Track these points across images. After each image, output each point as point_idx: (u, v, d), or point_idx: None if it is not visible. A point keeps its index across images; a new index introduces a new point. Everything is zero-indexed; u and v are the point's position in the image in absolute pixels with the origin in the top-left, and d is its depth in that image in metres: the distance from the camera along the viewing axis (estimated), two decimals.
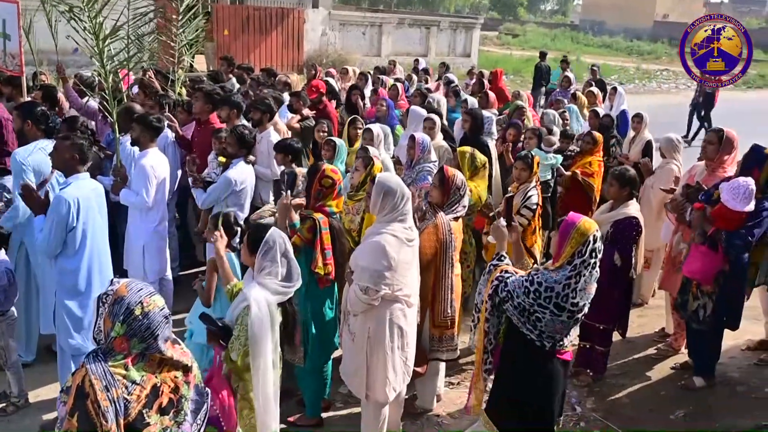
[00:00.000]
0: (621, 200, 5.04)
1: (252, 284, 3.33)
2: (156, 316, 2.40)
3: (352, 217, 4.82)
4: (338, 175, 4.40)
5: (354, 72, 11.18)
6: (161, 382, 2.43)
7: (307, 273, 4.11)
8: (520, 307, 3.34)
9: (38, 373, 5.00)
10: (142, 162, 5.14)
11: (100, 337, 2.38)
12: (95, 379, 2.27)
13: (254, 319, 3.20)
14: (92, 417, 2.24)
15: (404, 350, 3.93)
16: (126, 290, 2.38)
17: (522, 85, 20.81)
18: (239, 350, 3.23)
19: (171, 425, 2.46)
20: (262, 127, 6.35)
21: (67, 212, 4.07)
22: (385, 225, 3.76)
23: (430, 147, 5.97)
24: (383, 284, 3.70)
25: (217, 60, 17.87)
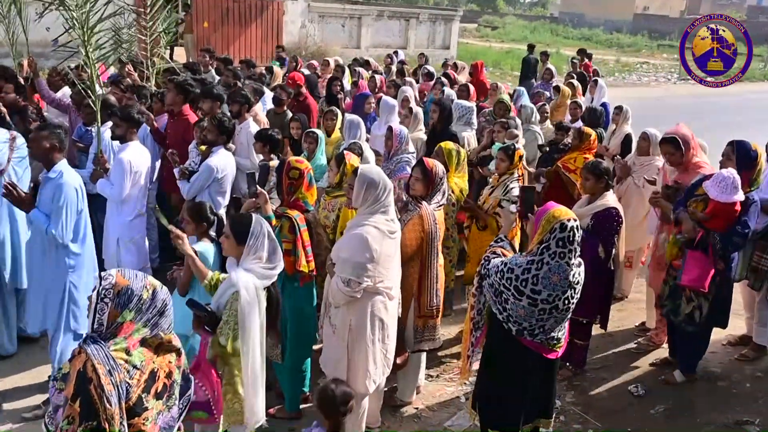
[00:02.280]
0: (598, 192, 5.02)
1: (237, 270, 3.37)
2: (161, 294, 2.46)
3: (327, 214, 4.80)
4: (304, 164, 4.37)
5: (336, 62, 11.11)
6: (158, 367, 2.45)
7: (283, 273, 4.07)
8: (492, 286, 3.50)
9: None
10: (121, 156, 5.15)
11: (100, 329, 2.37)
12: (98, 363, 2.27)
13: (243, 303, 3.26)
14: (95, 401, 2.24)
15: (385, 342, 3.94)
16: (126, 279, 2.41)
17: (501, 78, 20.88)
18: (228, 335, 3.27)
19: (163, 409, 2.49)
20: (241, 119, 6.37)
21: (75, 197, 4.21)
22: (367, 217, 3.77)
23: (408, 138, 5.99)
24: (365, 276, 3.71)
25: (196, 52, 17.73)
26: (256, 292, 3.36)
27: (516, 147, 5.52)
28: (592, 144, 6.47)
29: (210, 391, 3.30)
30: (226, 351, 3.28)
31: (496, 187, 5.34)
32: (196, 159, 5.73)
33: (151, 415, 2.41)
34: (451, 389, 5.02)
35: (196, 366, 3.36)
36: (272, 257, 3.44)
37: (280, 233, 4.15)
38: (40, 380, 4.81)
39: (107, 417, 2.24)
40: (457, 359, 5.42)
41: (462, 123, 7.14)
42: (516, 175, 5.35)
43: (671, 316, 4.95)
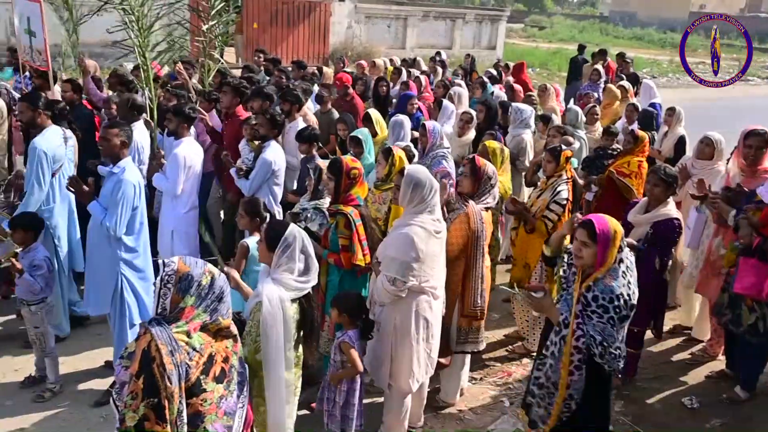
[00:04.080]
0: (659, 200, 4.82)
1: (266, 280, 3.26)
2: (219, 281, 2.58)
3: (378, 206, 4.86)
4: (358, 162, 4.48)
5: (384, 63, 11.14)
6: (216, 351, 2.55)
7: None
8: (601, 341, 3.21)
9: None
10: (176, 151, 5.31)
11: (164, 313, 2.50)
12: (161, 344, 2.39)
13: (266, 315, 3.13)
14: (157, 379, 2.36)
15: (429, 342, 3.95)
16: (186, 266, 2.54)
17: (548, 78, 20.57)
18: (249, 345, 3.19)
19: (226, 394, 2.59)
20: (291, 117, 6.47)
21: (133, 194, 4.37)
22: (413, 216, 3.78)
23: (442, 134, 6.00)
24: (411, 276, 3.72)
25: (246, 52, 18.03)
26: (280, 304, 3.18)
27: (562, 148, 5.44)
28: (645, 147, 6.30)
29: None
30: (248, 361, 3.15)
31: (544, 190, 5.27)
32: (249, 156, 5.85)
33: (210, 397, 2.52)
34: (494, 393, 4.98)
35: None
36: (306, 272, 3.31)
37: (337, 229, 4.21)
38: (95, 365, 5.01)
39: (167, 395, 2.36)
40: (500, 363, 5.39)
41: (521, 126, 7.05)
42: (564, 177, 5.26)
43: (731, 326, 4.74)
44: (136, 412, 2.34)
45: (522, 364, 5.36)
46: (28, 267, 4.55)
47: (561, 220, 5.16)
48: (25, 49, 6.87)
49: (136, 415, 2.34)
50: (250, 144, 5.96)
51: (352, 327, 3.88)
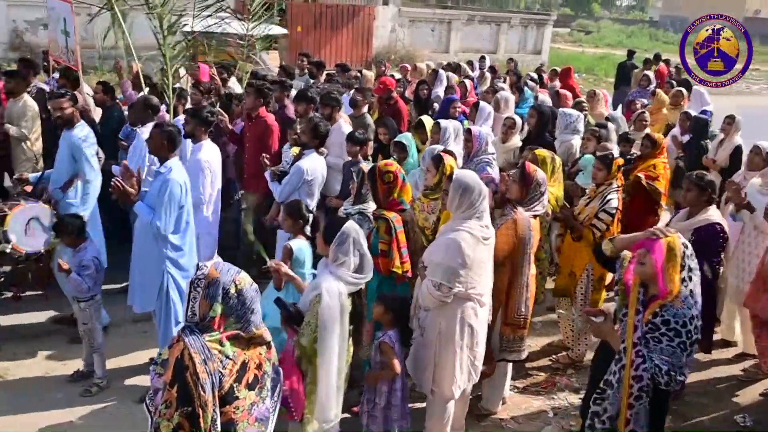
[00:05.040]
0: (699, 206, 4.71)
1: (325, 273, 3.44)
2: (249, 292, 2.55)
3: (426, 216, 4.79)
4: (394, 165, 4.45)
5: (427, 67, 11.11)
6: (249, 358, 2.55)
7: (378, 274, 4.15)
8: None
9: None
10: (198, 156, 5.32)
11: (194, 319, 2.50)
12: (194, 352, 2.39)
13: (324, 307, 3.30)
14: (191, 388, 2.36)
15: (473, 349, 3.91)
16: (217, 272, 2.52)
17: (595, 84, 20.23)
18: (309, 335, 3.34)
19: (257, 400, 2.59)
20: (332, 120, 6.47)
21: (180, 194, 4.43)
22: (461, 222, 3.75)
23: (488, 140, 5.93)
24: (457, 282, 3.69)
25: (289, 55, 18.22)
26: (339, 297, 3.39)
27: (614, 155, 5.33)
28: (662, 150, 6.24)
29: (288, 389, 3.36)
30: (306, 351, 3.36)
31: (593, 198, 5.16)
32: (289, 160, 5.87)
33: (242, 404, 2.52)
34: (538, 403, 4.90)
35: (281, 361, 3.41)
36: (361, 267, 3.49)
37: (377, 234, 4.22)
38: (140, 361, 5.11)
39: (201, 403, 2.36)
40: (544, 372, 5.30)
41: (568, 131, 6.92)
42: (615, 185, 5.13)
43: None
44: (170, 421, 2.36)
45: (566, 374, 5.26)
46: (77, 267, 4.65)
47: (609, 229, 5.05)
48: (62, 49, 7.07)
49: (171, 423, 2.36)
50: (292, 150, 5.98)
51: (392, 327, 3.93)
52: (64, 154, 5.26)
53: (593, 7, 59.79)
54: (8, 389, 4.75)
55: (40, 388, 4.77)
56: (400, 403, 3.95)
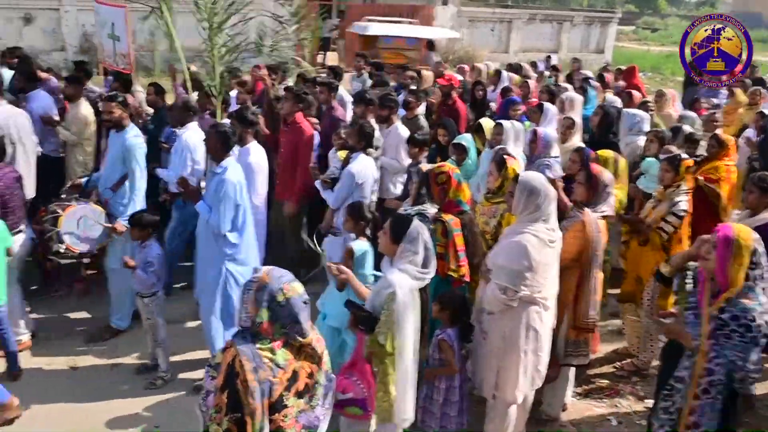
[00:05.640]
0: (761, 208, 4.62)
1: (392, 271, 3.45)
2: (296, 302, 2.52)
3: (487, 219, 4.73)
4: (447, 166, 4.43)
5: (486, 67, 11.00)
6: (300, 367, 2.54)
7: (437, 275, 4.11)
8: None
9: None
10: (249, 160, 5.39)
11: (246, 323, 2.51)
12: (245, 360, 2.40)
13: (399, 303, 3.33)
14: (241, 395, 2.38)
15: (537, 354, 3.85)
16: (269, 278, 2.51)
17: (661, 83, 19.59)
18: (386, 334, 3.34)
19: (306, 408, 2.59)
20: (389, 123, 6.45)
21: (235, 193, 4.50)
22: (527, 225, 3.69)
23: (553, 143, 5.84)
24: (522, 285, 3.64)
25: (347, 57, 18.36)
26: (411, 292, 3.41)
27: (682, 157, 5.13)
28: (730, 151, 5.97)
29: (367, 389, 3.40)
30: (383, 350, 3.35)
31: (661, 201, 4.99)
32: (338, 164, 5.85)
33: (290, 412, 2.52)
34: (601, 410, 4.77)
35: (353, 363, 3.48)
36: (426, 262, 3.50)
37: (435, 236, 4.18)
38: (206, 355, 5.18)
39: (250, 411, 2.37)
40: (607, 379, 5.15)
41: (633, 132, 6.73)
42: (684, 188, 4.95)
43: None
44: (219, 425, 2.39)
45: (631, 382, 5.11)
46: (142, 263, 4.80)
47: (678, 232, 4.87)
48: (109, 53, 7.27)
49: (220, 428, 2.38)
50: (339, 154, 5.97)
51: (451, 325, 3.94)
52: (114, 156, 5.38)
53: (659, 4, 57.89)
54: (78, 379, 4.94)
55: (108, 380, 4.94)
56: (458, 401, 3.97)
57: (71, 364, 5.12)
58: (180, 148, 5.84)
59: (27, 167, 5.58)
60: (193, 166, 5.84)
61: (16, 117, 5.74)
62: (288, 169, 6.08)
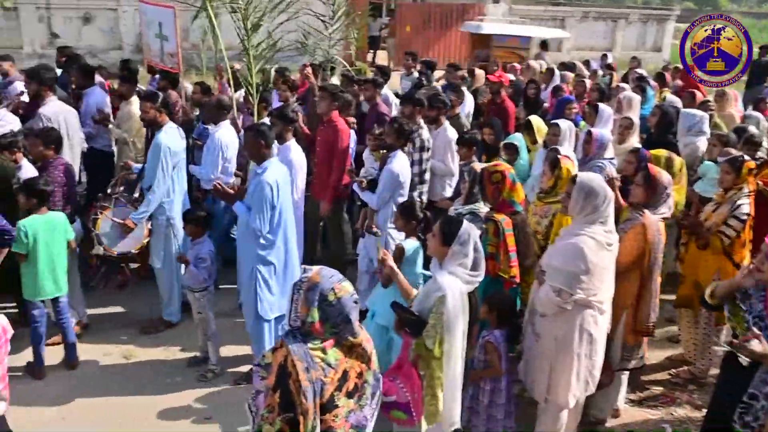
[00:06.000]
0: None
1: (443, 273, 3.40)
2: (348, 301, 2.50)
3: (539, 219, 4.66)
4: (502, 165, 4.37)
5: (540, 66, 10.83)
6: (350, 367, 2.53)
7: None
8: None
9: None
10: (290, 157, 5.41)
11: (297, 322, 2.49)
12: (297, 360, 2.39)
13: (450, 307, 3.28)
14: (293, 395, 2.37)
15: (592, 358, 3.78)
16: (319, 277, 2.49)
17: None
18: (435, 338, 3.28)
19: (355, 408, 2.57)
20: (437, 124, 6.39)
21: (271, 194, 4.47)
22: (584, 226, 3.62)
23: (608, 144, 5.72)
24: (578, 288, 3.57)
25: (397, 55, 18.37)
26: (461, 296, 3.36)
27: (744, 159, 4.93)
28: None
29: (410, 393, 3.34)
30: (430, 354, 3.29)
31: (721, 204, 4.81)
32: (375, 165, 5.83)
33: (341, 412, 2.50)
34: (655, 418, 4.64)
35: (398, 366, 3.43)
36: (475, 265, 3.44)
37: (487, 236, 4.16)
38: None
39: (302, 411, 2.36)
40: (662, 386, 5.01)
41: (692, 133, 6.52)
42: (746, 190, 4.76)
43: None
44: (272, 425, 2.38)
45: (687, 390, 4.95)
46: (194, 259, 4.89)
47: (740, 236, 4.69)
48: (155, 52, 7.40)
49: (273, 428, 2.38)
50: (374, 154, 5.94)
51: (498, 327, 3.90)
52: (150, 155, 5.46)
53: (720, 1, 55.99)
54: (132, 370, 5.07)
55: (161, 371, 5.06)
56: (505, 403, 3.93)
57: (125, 354, 5.26)
58: (212, 146, 5.92)
59: (72, 162, 5.76)
60: (224, 164, 5.93)
61: (65, 113, 5.99)
62: (324, 168, 6.08)
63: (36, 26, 16.48)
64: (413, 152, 5.92)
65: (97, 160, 6.84)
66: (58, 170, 5.16)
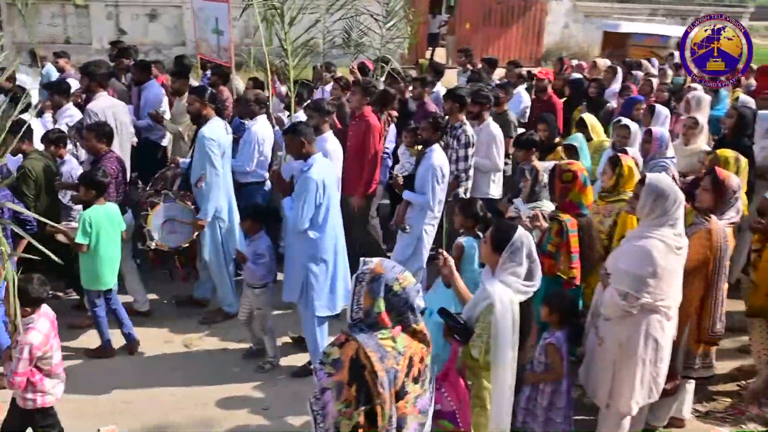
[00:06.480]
0: None
1: (494, 282, 3.26)
2: (411, 290, 2.53)
3: (602, 218, 4.54)
4: (576, 165, 4.24)
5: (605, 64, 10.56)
6: (414, 352, 2.54)
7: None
8: None
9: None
10: (327, 147, 5.43)
11: (359, 314, 2.50)
12: (370, 351, 2.41)
13: (498, 317, 3.15)
14: (370, 386, 2.39)
15: (656, 365, 3.67)
16: (382, 268, 2.52)
17: None
18: (480, 348, 3.19)
19: (421, 392, 2.60)
20: (480, 120, 6.30)
21: (315, 191, 4.47)
22: (652, 229, 3.52)
23: (668, 143, 5.58)
24: (645, 292, 3.46)
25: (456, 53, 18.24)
26: (511, 306, 3.20)
27: None
28: None
29: (455, 402, 3.25)
30: (476, 363, 3.23)
31: None
32: (411, 160, 5.78)
33: (411, 398, 2.52)
34: (722, 431, 4.43)
35: (444, 374, 3.34)
36: (530, 275, 3.29)
37: (549, 234, 4.09)
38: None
39: (381, 401, 2.38)
40: (731, 398, 4.80)
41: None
42: None
43: None
44: (350, 420, 2.38)
45: (758, 403, 4.70)
46: (252, 255, 4.91)
47: None
48: (213, 48, 7.52)
49: (351, 422, 2.38)
50: (410, 150, 5.88)
51: (560, 328, 3.80)
52: (197, 149, 5.53)
53: None
54: (193, 359, 5.19)
55: (221, 362, 5.15)
56: (565, 406, 3.83)
57: (186, 343, 5.39)
58: (249, 139, 5.98)
59: (121, 155, 5.89)
60: (259, 157, 6.00)
61: (114, 107, 6.16)
62: (355, 164, 6.07)
63: (104, 23, 17.06)
64: (458, 148, 5.86)
65: (152, 150, 7.04)
66: (111, 163, 5.32)
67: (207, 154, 5.32)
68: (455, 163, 5.81)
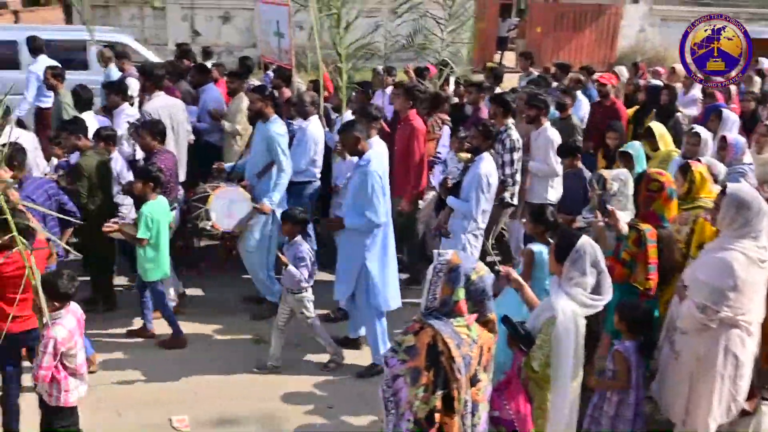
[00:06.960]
0: None
1: (559, 293, 3.20)
2: (488, 280, 2.65)
3: (678, 227, 4.37)
4: (666, 176, 4.11)
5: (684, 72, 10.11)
6: (484, 342, 2.64)
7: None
8: None
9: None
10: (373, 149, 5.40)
11: (434, 303, 2.60)
12: (448, 337, 2.51)
13: (560, 330, 3.11)
14: (447, 371, 2.49)
15: (736, 382, 3.54)
16: (459, 259, 2.63)
17: None
18: (541, 360, 3.14)
19: (488, 383, 2.71)
20: (537, 124, 6.19)
21: (380, 181, 4.61)
22: (733, 241, 3.41)
23: (744, 149, 5.47)
24: (725, 305, 3.36)
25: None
26: (574, 319, 3.14)
27: None
28: None
29: (514, 412, 3.20)
30: (538, 376, 3.17)
31: None
32: (459, 165, 5.72)
33: (482, 386, 2.62)
34: None
35: (507, 383, 3.31)
36: (599, 288, 3.21)
37: (626, 242, 4.00)
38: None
39: (458, 386, 2.48)
40: None
41: None
42: None
43: None
44: (427, 404, 2.47)
45: None
46: (293, 259, 4.89)
47: None
48: (274, 50, 7.59)
49: (427, 406, 2.47)
50: (458, 156, 5.83)
51: (630, 337, 3.72)
52: (258, 145, 5.68)
53: None
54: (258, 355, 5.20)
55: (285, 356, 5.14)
56: (632, 419, 3.75)
57: (256, 337, 5.49)
58: (304, 139, 6.08)
59: (177, 153, 6.10)
60: (313, 156, 6.09)
61: (170, 107, 6.34)
62: (401, 166, 6.06)
63: (180, 24, 17.64)
64: (503, 153, 5.80)
65: (209, 151, 7.22)
66: (162, 158, 5.52)
67: (280, 148, 5.50)
68: (501, 168, 5.75)
